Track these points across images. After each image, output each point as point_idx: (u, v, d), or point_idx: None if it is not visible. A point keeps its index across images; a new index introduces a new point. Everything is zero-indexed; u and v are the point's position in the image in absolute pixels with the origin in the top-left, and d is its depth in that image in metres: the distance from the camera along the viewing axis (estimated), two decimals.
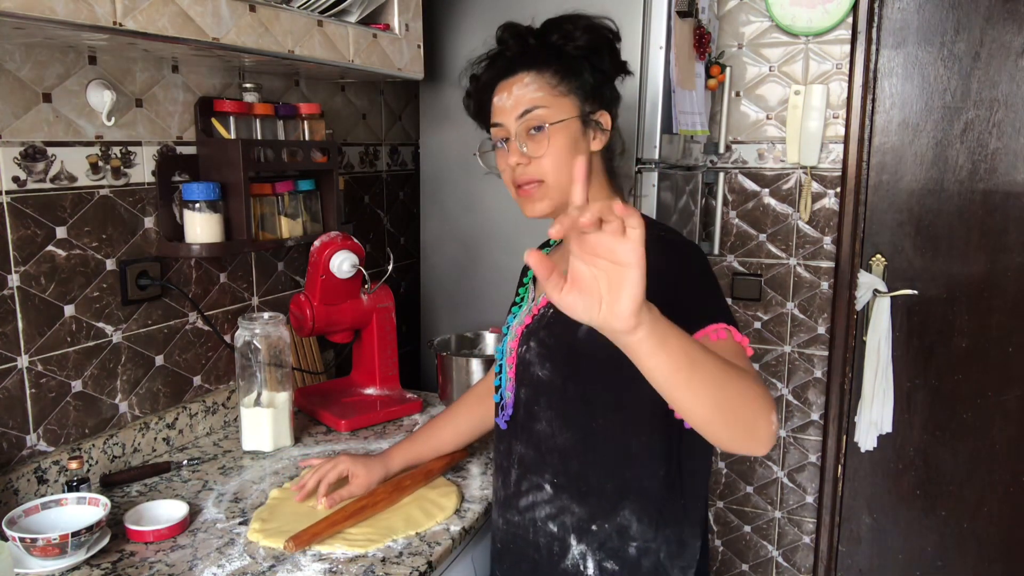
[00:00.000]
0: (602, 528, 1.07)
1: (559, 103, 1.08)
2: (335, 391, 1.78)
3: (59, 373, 1.31)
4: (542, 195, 1.09)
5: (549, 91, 1.08)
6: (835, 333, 2.42)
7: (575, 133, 1.09)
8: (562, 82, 1.08)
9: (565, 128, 1.07)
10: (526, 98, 1.08)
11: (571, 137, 1.08)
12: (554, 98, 1.08)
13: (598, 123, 1.11)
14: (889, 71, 2.30)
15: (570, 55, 1.09)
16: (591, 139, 1.11)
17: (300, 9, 1.41)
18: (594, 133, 1.11)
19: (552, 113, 1.07)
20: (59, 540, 1.04)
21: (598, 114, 1.11)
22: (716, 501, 2.66)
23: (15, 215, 1.23)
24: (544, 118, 1.07)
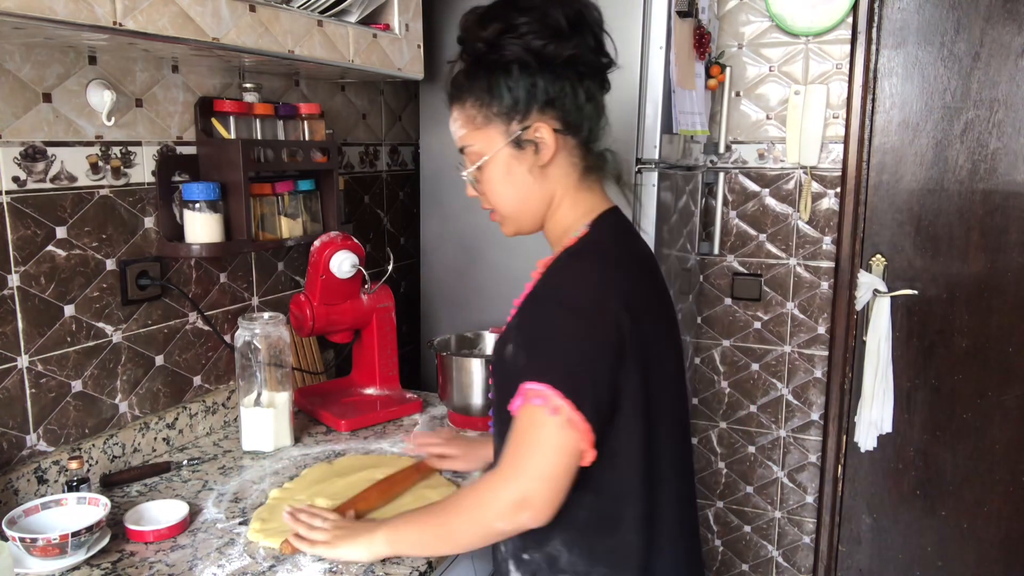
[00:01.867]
0: (533, 557, 1.02)
1: (483, 136, 1.00)
2: (335, 391, 1.78)
3: (59, 373, 1.31)
4: (502, 222, 1.08)
5: (472, 126, 1.01)
6: (835, 333, 2.42)
7: (507, 161, 1.00)
8: (482, 109, 0.99)
9: (495, 162, 1.01)
10: (456, 136, 1.04)
11: (504, 167, 1.00)
12: (478, 131, 1.00)
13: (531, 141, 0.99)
14: (889, 71, 2.30)
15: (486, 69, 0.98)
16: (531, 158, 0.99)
17: (300, 9, 1.41)
18: (532, 151, 0.99)
19: (478, 150, 1.01)
20: (59, 540, 1.04)
21: (531, 129, 0.98)
22: (716, 501, 2.66)
23: (15, 215, 1.23)
24: (473, 157, 1.02)
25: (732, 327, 2.55)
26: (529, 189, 1.02)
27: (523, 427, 0.92)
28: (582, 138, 1.01)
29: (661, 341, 1.00)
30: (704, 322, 2.58)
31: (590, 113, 1.01)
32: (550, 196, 1.03)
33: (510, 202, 1.04)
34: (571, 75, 0.97)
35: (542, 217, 1.05)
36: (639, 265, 1.02)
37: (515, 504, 0.91)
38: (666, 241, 2.00)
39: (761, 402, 2.55)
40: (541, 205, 1.03)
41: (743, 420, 2.59)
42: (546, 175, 1.02)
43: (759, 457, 2.59)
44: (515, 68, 0.96)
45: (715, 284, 2.54)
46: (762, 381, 2.54)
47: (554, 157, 1.00)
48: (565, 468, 0.90)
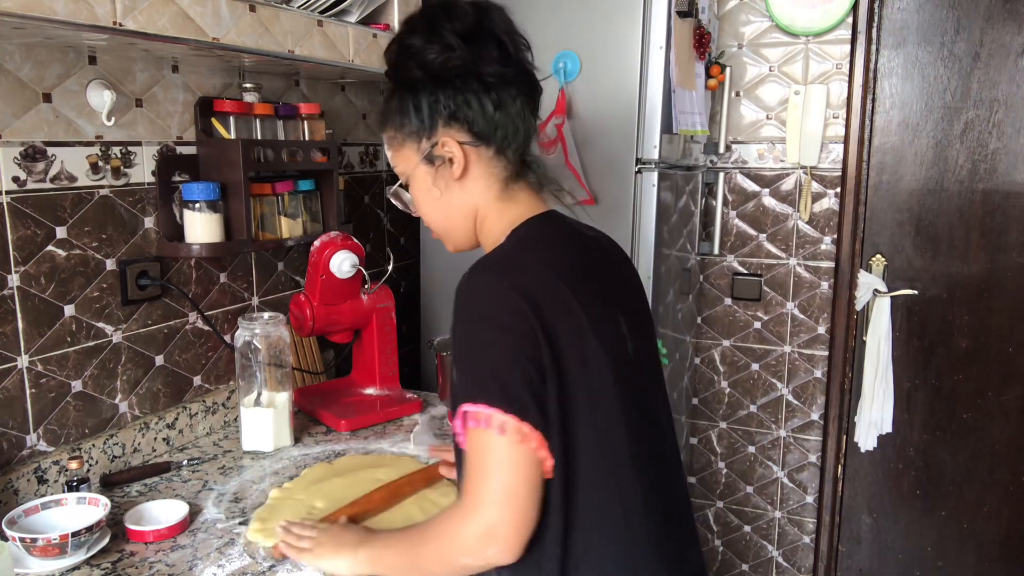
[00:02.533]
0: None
1: (402, 157, 1.03)
2: (335, 391, 1.78)
3: (59, 373, 1.31)
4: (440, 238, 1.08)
5: (393, 147, 1.03)
6: (835, 333, 2.42)
7: (424, 179, 1.02)
8: (397, 131, 1.01)
9: (414, 180, 1.03)
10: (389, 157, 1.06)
11: (423, 186, 1.02)
12: (397, 153, 1.03)
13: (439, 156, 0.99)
14: (889, 71, 2.30)
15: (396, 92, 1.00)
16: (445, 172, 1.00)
17: (300, 9, 1.41)
18: (443, 167, 1.00)
19: (400, 170, 1.04)
20: (59, 540, 1.04)
21: (439, 145, 0.98)
22: (716, 501, 2.66)
23: (15, 215, 1.23)
24: (401, 176, 1.05)
25: (732, 327, 2.55)
26: (451, 204, 1.02)
27: (474, 454, 0.87)
28: (496, 147, 0.99)
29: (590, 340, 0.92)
30: (704, 322, 2.58)
31: (501, 122, 0.98)
32: (473, 209, 1.02)
33: (436, 218, 1.05)
34: (474, 86, 0.96)
35: (471, 230, 1.05)
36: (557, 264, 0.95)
37: (480, 538, 0.86)
38: (666, 241, 2.00)
39: (761, 402, 2.55)
40: (467, 219, 1.03)
41: (743, 420, 2.59)
42: (465, 188, 1.01)
43: (759, 457, 2.59)
44: (417, 87, 0.97)
45: (715, 284, 2.54)
46: (762, 381, 2.54)
47: (469, 169, 1.00)
48: (528, 487, 0.86)
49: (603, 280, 1.01)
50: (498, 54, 0.96)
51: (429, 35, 0.95)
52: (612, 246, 1.10)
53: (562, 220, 1.04)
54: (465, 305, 0.91)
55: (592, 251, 1.04)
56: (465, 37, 0.95)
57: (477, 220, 1.03)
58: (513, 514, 0.85)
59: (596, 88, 1.84)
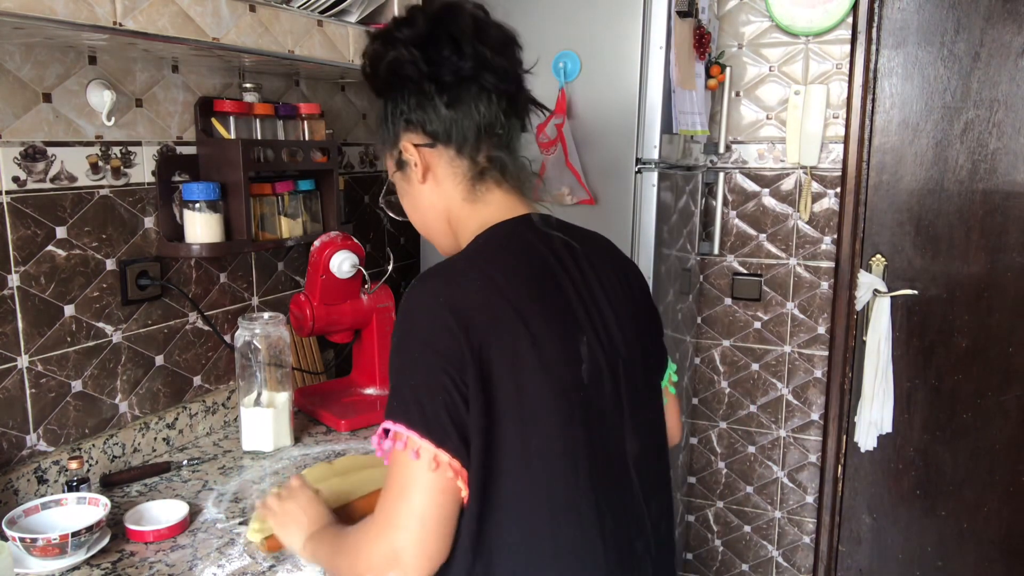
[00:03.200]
0: None
1: (387, 165, 1.07)
2: (335, 391, 1.78)
3: (59, 373, 1.31)
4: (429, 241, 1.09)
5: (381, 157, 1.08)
6: (835, 333, 2.42)
7: (400, 184, 1.05)
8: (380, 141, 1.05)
9: (397, 186, 1.06)
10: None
11: (400, 190, 1.06)
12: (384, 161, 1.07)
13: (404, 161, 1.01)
14: (889, 71, 2.30)
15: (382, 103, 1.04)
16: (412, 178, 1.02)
17: (300, 9, 1.41)
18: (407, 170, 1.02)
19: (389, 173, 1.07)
20: (59, 540, 1.04)
21: (399, 150, 1.01)
22: (716, 501, 2.66)
23: (15, 215, 1.23)
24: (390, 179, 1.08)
25: (732, 327, 2.55)
26: (423, 207, 1.03)
27: (391, 473, 0.85)
28: (456, 147, 0.97)
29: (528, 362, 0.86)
30: (704, 322, 2.58)
31: (457, 121, 0.96)
32: (445, 211, 1.01)
33: (416, 222, 1.07)
34: (426, 88, 0.95)
35: (449, 232, 1.03)
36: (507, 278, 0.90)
37: (385, 559, 0.83)
38: (666, 241, 2.00)
39: (761, 402, 2.55)
40: (440, 222, 1.03)
41: (743, 420, 2.59)
42: (433, 191, 1.01)
43: (759, 457, 2.59)
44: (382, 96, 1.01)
45: (715, 284, 2.54)
46: (762, 381, 2.54)
47: (431, 171, 0.99)
48: (439, 514, 0.83)
49: (568, 295, 0.93)
50: (450, 53, 0.93)
51: (382, 42, 0.97)
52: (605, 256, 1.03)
53: (532, 226, 0.97)
54: (400, 317, 0.89)
55: (562, 263, 0.95)
56: (416, 41, 0.94)
57: (451, 222, 1.02)
58: (420, 541, 0.82)
59: (596, 88, 1.84)
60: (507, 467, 0.85)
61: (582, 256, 0.98)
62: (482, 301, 0.87)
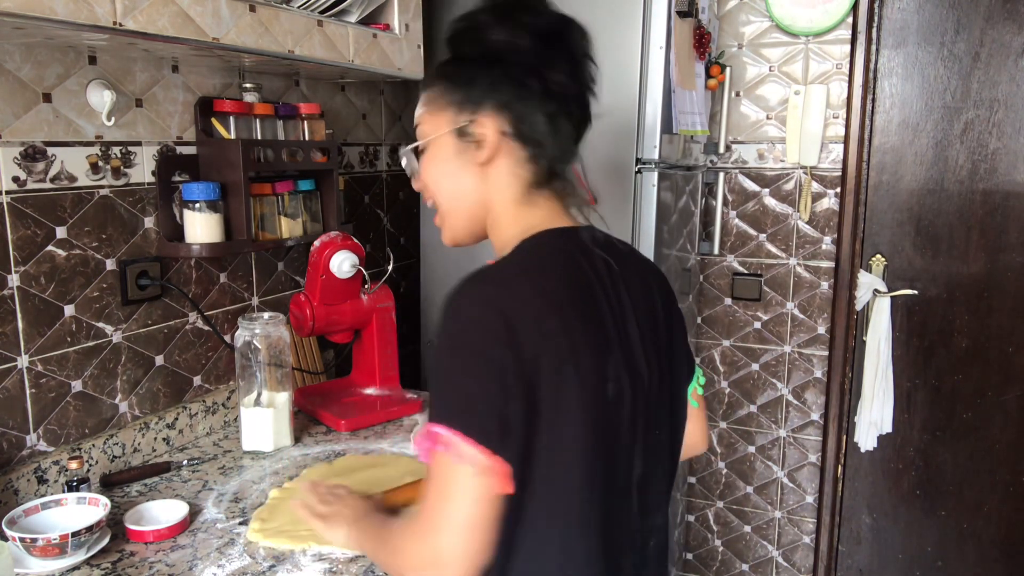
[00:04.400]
0: None
1: (434, 119, 0.97)
2: (335, 391, 1.78)
3: (59, 373, 1.31)
4: (440, 224, 1.01)
5: (428, 106, 0.98)
6: (835, 333, 2.42)
7: (448, 151, 0.96)
8: (442, 95, 0.97)
9: (437, 146, 0.97)
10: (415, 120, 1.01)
11: (444, 156, 0.97)
12: (431, 114, 0.98)
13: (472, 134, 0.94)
14: (889, 71, 2.30)
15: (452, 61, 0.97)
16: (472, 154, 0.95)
17: (300, 9, 1.41)
18: (472, 147, 0.95)
19: (426, 130, 0.98)
20: (59, 540, 1.04)
21: (475, 123, 0.94)
22: (716, 501, 2.66)
23: (15, 215, 1.23)
24: (420, 136, 0.98)
25: (732, 327, 2.55)
26: (464, 186, 0.97)
27: (436, 477, 0.84)
28: (531, 153, 0.96)
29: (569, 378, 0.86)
30: (704, 322, 2.58)
31: (545, 133, 0.95)
32: (486, 202, 0.98)
33: (443, 194, 1.00)
34: (534, 85, 0.93)
35: (478, 223, 1.00)
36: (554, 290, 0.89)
37: (427, 562, 0.83)
38: (666, 241, 2.00)
39: (761, 402, 2.55)
40: (476, 208, 0.99)
41: (743, 420, 2.59)
42: (485, 177, 0.97)
43: (759, 457, 2.59)
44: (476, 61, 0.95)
45: (715, 284, 2.55)
46: (762, 381, 2.54)
47: (494, 160, 0.95)
48: (483, 520, 0.82)
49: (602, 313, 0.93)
50: (568, 68, 0.94)
51: (502, 16, 0.93)
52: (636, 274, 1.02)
53: (579, 240, 0.97)
54: (449, 321, 0.87)
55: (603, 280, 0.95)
56: (540, 34, 0.92)
57: (490, 217, 0.99)
58: (462, 544, 0.82)
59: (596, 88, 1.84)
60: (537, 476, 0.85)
61: (619, 277, 0.97)
62: (534, 312, 0.86)
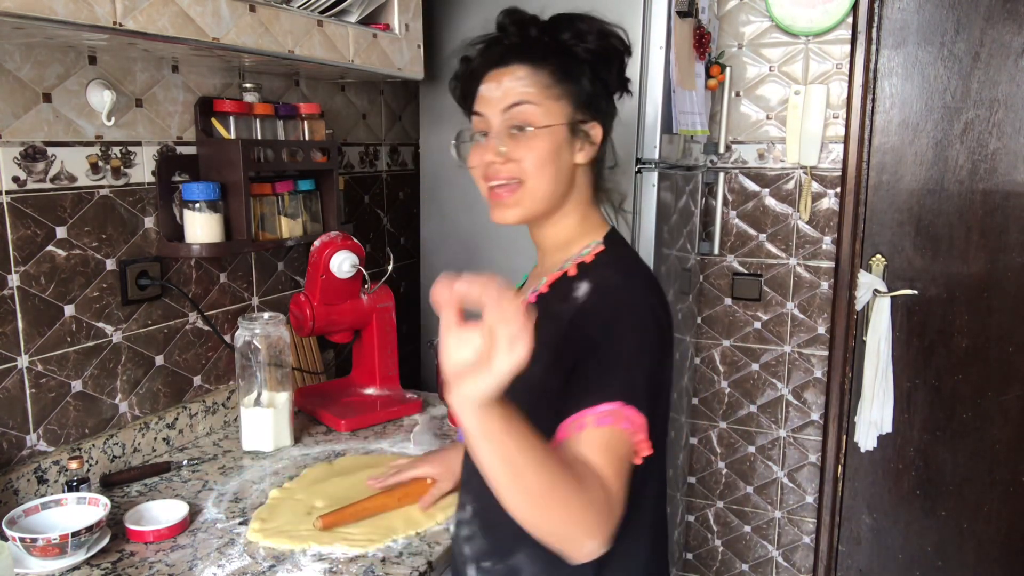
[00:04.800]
0: (495, 567, 1.00)
1: (549, 105, 0.99)
2: (335, 391, 1.78)
3: (59, 373, 1.31)
4: (516, 201, 1.00)
5: (542, 90, 0.99)
6: (835, 333, 2.42)
7: (560, 140, 1.00)
8: (558, 83, 0.99)
9: (551, 133, 0.99)
10: (516, 91, 0.98)
11: (555, 144, 0.99)
12: (545, 99, 0.99)
13: (587, 134, 1.02)
14: (889, 71, 2.30)
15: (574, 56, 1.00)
16: (576, 150, 1.02)
17: (300, 9, 1.41)
18: (581, 144, 1.02)
19: (540, 114, 0.98)
20: (59, 540, 1.04)
21: (589, 125, 1.02)
22: (716, 501, 2.66)
23: (15, 215, 1.23)
24: (530, 118, 0.98)
25: (732, 327, 2.55)
26: (563, 177, 1.01)
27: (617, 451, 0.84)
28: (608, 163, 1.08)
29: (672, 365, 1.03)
30: (704, 322, 2.58)
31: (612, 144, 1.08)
32: (567, 196, 1.03)
33: (545, 179, 1.00)
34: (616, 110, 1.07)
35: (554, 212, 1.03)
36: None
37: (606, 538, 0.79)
38: (666, 241, 2.00)
39: (761, 402, 2.55)
40: (561, 200, 1.03)
41: (743, 420, 2.59)
42: (576, 174, 1.03)
43: (759, 457, 2.59)
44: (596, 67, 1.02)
45: (715, 284, 2.54)
46: (762, 381, 2.54)
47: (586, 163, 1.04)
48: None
49: None
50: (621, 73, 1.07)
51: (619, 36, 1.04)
52: None
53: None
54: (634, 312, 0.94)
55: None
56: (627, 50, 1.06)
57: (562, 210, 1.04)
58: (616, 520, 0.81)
59: None
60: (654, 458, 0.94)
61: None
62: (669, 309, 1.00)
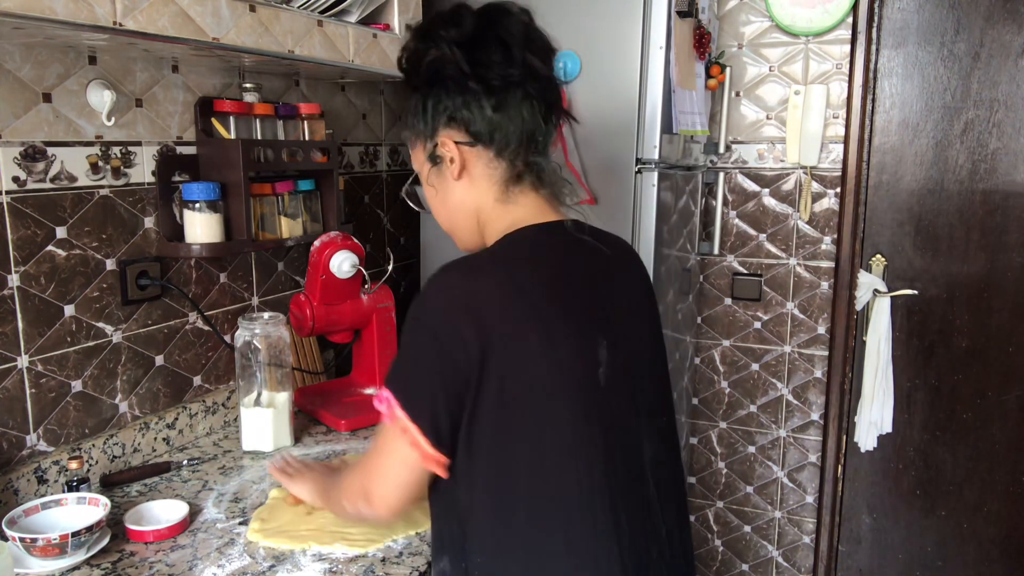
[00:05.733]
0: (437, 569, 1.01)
1: (415, 155, 1.05)
2: (335, 391, 1.78)
3: (59, 373, 1.31)
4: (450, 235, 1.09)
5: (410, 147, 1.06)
6: (835, 333, 2.42)
7: (430, 177, 1.04)
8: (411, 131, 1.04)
9: (425, 179, 1.05)
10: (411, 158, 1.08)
11: (429, 183, 1.04)
12: (412, 152, 1.06)
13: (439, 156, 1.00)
14: (889, 71, 2.30)
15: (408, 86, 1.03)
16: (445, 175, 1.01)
17: (300, 9, 1.41)
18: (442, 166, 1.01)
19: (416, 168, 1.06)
20: (59, 540, 1.04)
21: (440, 144, 1.00)
22: (716, 501, 2.66)
23: (15, 215, 1.23)
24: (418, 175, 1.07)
25: (732, 327, 2.55)
26: (452, 202, 1.03)
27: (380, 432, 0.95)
28: (496, 149, 0.98)
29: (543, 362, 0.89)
30: (704, 322, 2.58)
31: (501, 124, 0.97)
32: (475, 210, 1.02)
33: (441, 216, 1.07)
34: (472, 88, 0.96)
35: (475, 230, 1.04)
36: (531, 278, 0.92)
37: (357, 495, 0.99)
38: (666, 241, 2.00)
39: (761, 402, 2.55)
40: (468, 219, 1.03)
41: (743, 420, 2.59)
42: (466, 188, 1.01)
43: (759, 457, 2.59)
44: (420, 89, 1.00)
45: (715, 284, 2.54)
46: (762, 381, 2.54)
47: (467, 170, 1.00)
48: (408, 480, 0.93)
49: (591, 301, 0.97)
50: (500, 57, 0.95)
51: (426, 40, 0.97)
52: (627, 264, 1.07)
53: (563, 231, 1.00)
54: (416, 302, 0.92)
55: (590, 268, 0.99)
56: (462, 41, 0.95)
57: (480, 221, 1.03)
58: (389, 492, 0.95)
59: (596, 88, 1.84)
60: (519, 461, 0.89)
61: (613, 261, 1.03)
62: (499, 297, 0.89)
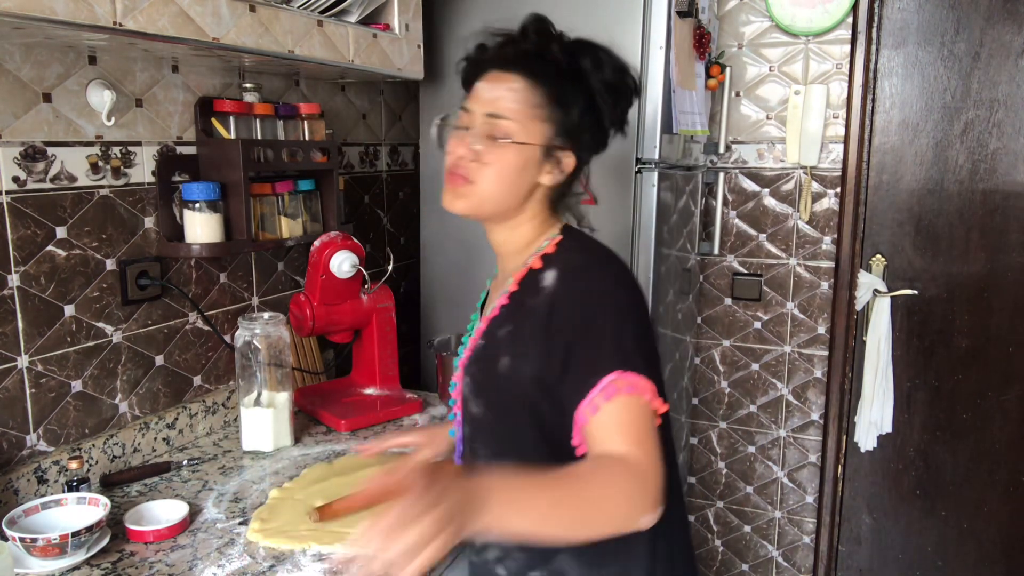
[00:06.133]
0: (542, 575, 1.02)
1: (531, 125, 1.01)
2: (335, 391, 1.78)
3: (59, 373, 1.31)
4: (464, 193, 1.03)
5: (528, 108, 1.01)
6: (835, 333, 2.42)
7: (530, 159, 1.02)
8: (548, 105, 1.02)
9: (522, 151, 1.01)
10: (503, 103, 1.01)
11: (523, 160, 1.02)
12: (529, 118, 1.01)
13: (559, 161, 1.04)
14: (889, 71, 2.30)
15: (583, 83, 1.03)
16: (545, 171, 1.04)
17: (300, 9, 1.41)
18: (551, 168, 1.04)
19: (519, 131, 1.01)
20: (59, 540, 1.04)
21: (564, 153, 1.04)
22: (716, 501, 2.66)
23: (15, 215, 1.23)
24: (508, 132, 1.01)
25: (732, 327, 2.55)
26: (519, 192, 1.04)
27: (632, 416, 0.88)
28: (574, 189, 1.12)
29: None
30: (704, 322, 2.58)
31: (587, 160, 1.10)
32: (521, 208, 1.07)
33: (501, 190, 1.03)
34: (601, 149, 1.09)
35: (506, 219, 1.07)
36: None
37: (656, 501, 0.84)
38: (666, 241, 2.00)
39: (761, 402, 2.55)
40: (515, 211, 1.07)
41: (743, 420, 2.59)
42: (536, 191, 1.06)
43: (759, 457, 2.59)
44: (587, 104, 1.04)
45: (715, 284, 2.54)
46: (762, 381, 2.54)
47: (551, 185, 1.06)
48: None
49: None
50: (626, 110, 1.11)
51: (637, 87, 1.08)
52: None
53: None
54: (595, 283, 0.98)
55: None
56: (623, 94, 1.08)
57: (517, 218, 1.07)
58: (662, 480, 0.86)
59: None
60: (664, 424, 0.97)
61: None
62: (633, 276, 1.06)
